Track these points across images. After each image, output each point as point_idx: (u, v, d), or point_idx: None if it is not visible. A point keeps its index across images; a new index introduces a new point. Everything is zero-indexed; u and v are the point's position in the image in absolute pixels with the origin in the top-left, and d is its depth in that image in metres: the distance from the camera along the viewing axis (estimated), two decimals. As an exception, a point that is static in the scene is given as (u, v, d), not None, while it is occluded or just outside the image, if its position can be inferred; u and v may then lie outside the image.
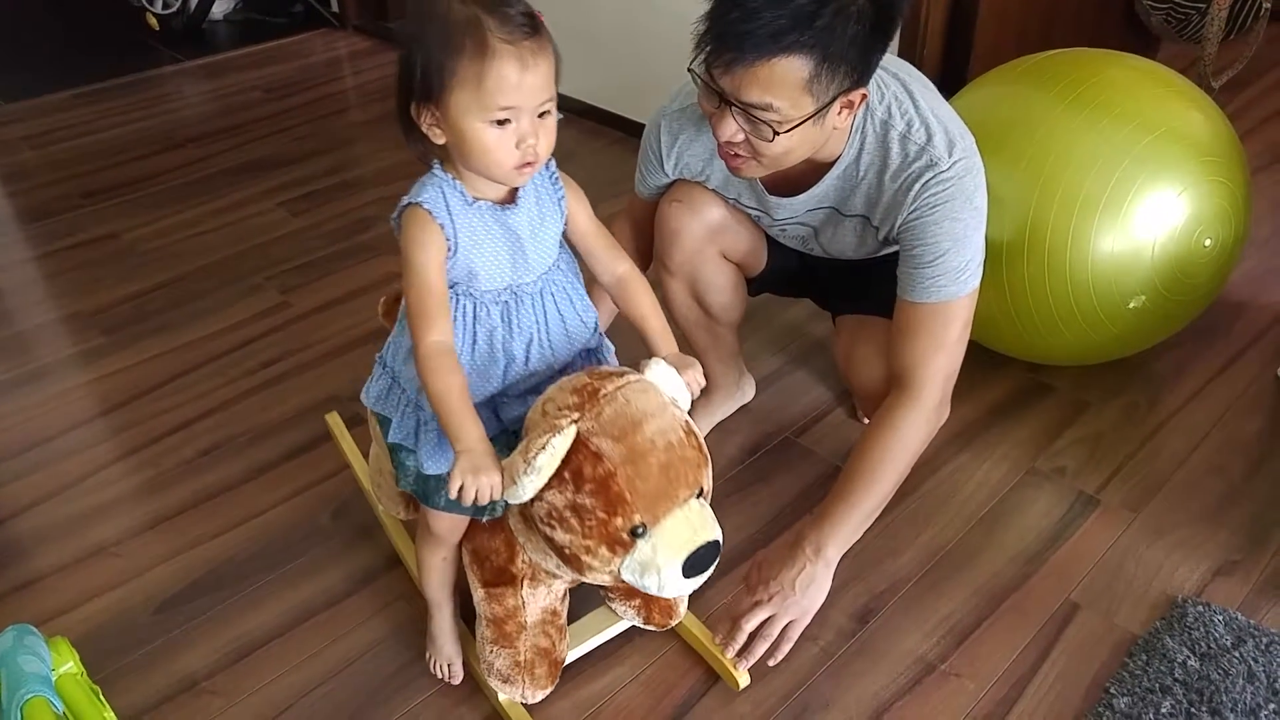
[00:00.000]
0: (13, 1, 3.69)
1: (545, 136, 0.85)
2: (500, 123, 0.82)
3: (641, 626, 1.18)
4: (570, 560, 0.88)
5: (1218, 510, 1.36)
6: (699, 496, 0.87)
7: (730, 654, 1.10)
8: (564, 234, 0.98)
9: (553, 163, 0.94)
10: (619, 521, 0.83)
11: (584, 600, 1.19)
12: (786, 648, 1.09)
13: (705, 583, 1.24)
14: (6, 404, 1.66)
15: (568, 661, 1.14)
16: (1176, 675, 1.12)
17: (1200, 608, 1.20)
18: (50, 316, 1.91)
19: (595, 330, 1.01)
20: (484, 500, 0.84)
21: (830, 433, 1.54)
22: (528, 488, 0.84)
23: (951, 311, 1.12)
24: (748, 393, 1.59)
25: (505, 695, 1.10)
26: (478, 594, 1.07)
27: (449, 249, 0.88)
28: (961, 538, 1.34)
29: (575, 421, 0.84)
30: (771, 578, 1.08)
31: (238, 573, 1.32)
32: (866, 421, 1.51)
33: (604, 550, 0.85)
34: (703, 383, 0.96)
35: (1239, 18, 2.31)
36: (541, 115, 0.84)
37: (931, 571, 1.29)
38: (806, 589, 1.07)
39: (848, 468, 1.14)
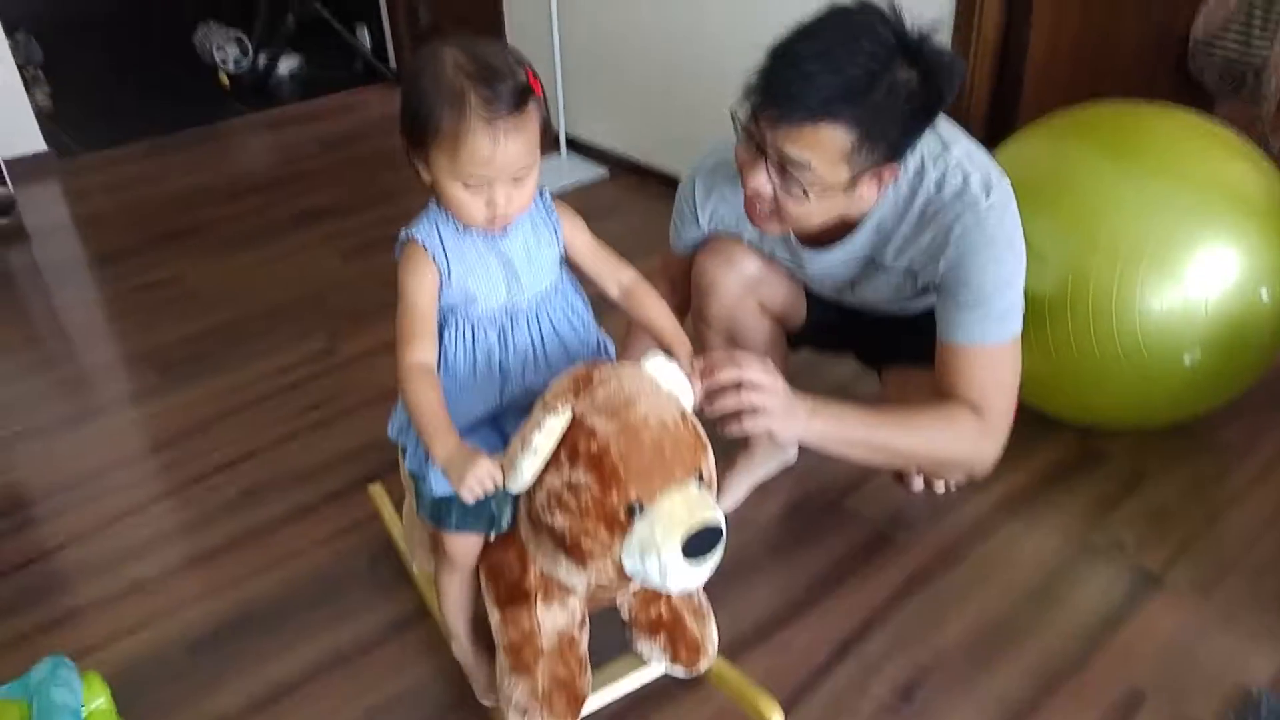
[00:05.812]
0: (99, 59, 3.94)
1: (519, 197, 0.90)
2: (472, 185, 0.88)
3: (670, 669, 1.14)
4: (573, 550, 0.89)
5: (1294, 595, 1.28)
6: (699, 482, 0.87)
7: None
8: (567, 257, 1.01)
9: (547, 192, 0.99)
10: (614, 498, 0.84)
11: (611, 647, 1.16)
12: (736, 423, 1.02)
13: (740, 644, 1.22)
14: (62, 438, 1.71)
15: (596, 708, 1.11)
16: (1252, 774, 1.04)
17: (1276, 700, 1.12)
18: (110, 355, 1.97)
19: (602, 349, 1.04)
20: (488, 489, 0.86)
21: (875, 496, 1.49)
22: (526, 470, 0.86)
23: (1003, 354, 1.11)
24: (791, 453, 1.55)
25: None
26: (494, 618, 1.06)
27: (442, 276, 0.94)
28: (1012, 612, 1.27)
29: (571, 405, 0.87)
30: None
31: (273, 614, 1.31)
32: (919, 485, 1.47)
33: (602, 531, 0.86)
34: (709, 376, 0.97)
35: (1301, 79, 2.26)
36: (517, 179, 0.89)
37: (980, 647, 1.22)
38: (788, 408, 1.02)
39: (890, 407, 1.12)
